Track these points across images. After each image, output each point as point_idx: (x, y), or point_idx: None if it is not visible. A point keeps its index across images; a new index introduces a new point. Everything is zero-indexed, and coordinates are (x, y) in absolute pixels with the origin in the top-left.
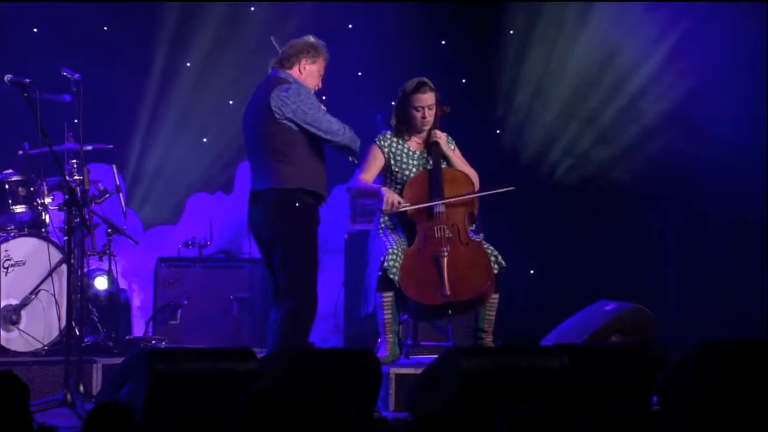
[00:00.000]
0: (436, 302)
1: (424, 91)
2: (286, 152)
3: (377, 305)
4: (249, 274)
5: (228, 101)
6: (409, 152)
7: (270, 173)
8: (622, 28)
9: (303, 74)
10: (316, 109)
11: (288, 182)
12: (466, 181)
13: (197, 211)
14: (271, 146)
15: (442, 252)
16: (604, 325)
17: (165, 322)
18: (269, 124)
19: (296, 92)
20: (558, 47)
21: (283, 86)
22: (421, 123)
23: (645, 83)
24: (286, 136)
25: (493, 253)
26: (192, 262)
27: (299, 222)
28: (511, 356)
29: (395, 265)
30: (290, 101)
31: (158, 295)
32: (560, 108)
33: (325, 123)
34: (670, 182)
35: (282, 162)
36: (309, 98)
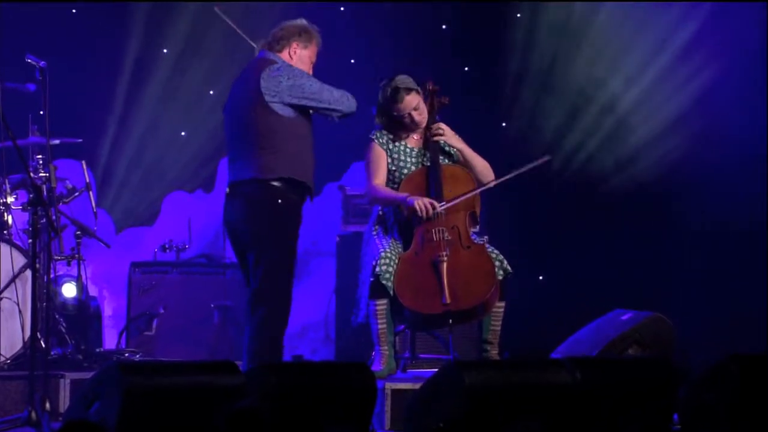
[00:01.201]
0: (435, 311)
1: (401, 99)
2: (271, 140)
3: (370, 314)
4: (231, 280)
5: (208, 91)
6: (406, 149)
7: (252, 163)
8: (638, 14)
9: (293, 59)
10: (313, 80)
11: (271, 172)
12: (467, 177)
13: (175, 212)
14: (254, 133)
15: (441, 256)
16: (620, 336)
17: (139, 333)
18: (256, 108)
19: (288, 69)
20: (569, 32)
21: (273, 66)
22: (411, 125)
23: (663, 73)
24: (273, 121)
25: (498, 257)
26: (169, 267)
27: (280, 222)
28: (518, 370)
29: (389, 270)
30: (283, 79)
31: (132, 303)
32: (571, 100)
33: (326, 93)
34: (693, 181)
35: (266, 150)
36: (301, 73)
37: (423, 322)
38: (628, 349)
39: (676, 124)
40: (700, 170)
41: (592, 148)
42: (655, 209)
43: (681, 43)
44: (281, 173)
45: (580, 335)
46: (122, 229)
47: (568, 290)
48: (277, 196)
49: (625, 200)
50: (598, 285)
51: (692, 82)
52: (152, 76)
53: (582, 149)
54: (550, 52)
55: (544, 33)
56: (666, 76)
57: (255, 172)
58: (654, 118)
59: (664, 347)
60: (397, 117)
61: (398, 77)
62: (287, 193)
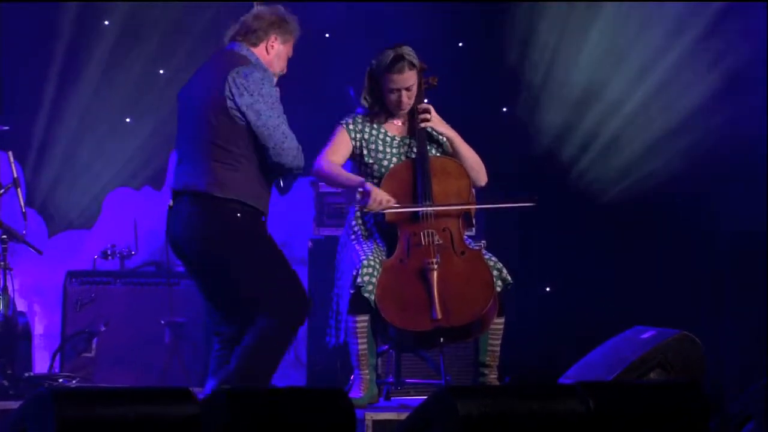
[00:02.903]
0: (423, 328)
1: (400, 69)
2: (229, 151)
3: (349, 333)
4: (185, 292)
5: (158, 70)
6: (386, 138)
7: (201, 174)
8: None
9: (270, 55)
10: (275, 112)
11: (222, 191)
12: (460, 171)
13: (118, 212)
14: (211, 139)
15: (430, 264)
16: (641, 358)
17: (76, 355)
18: (217, 112)
19: (258, 83)
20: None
21: (245, 70)
22: (396, 106)
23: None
24: (233, 133)
25: (497, 265)
26: (111, 277)
27: (245, 228)
28: (521, 398)
29: (371, 281)
30: (247, 92)
31: (67, 319)
32: (581, 85)
33: (279, 134)
34: (721, 180)
35: (221, 163)
36: (271, 96)
37: (410, 341)
38: (650, 373)
39: (695, 118)
40: (727, 169)
41: (604, 143)
42: (680, 211)
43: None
44: (231, 194)
45: (593, 357)
46: (56, 232)
47: (580, 304)
48: (234, 210)
49: (645, 199)
50: (615, 298)
51: (713, 71)
52: (91, 52)
53: (593, 144)
54: (558, 24)
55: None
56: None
57: (203, 185)
58: (671, 111)
59: (692, 371)
60: (387, 92)
61: (405, 47)
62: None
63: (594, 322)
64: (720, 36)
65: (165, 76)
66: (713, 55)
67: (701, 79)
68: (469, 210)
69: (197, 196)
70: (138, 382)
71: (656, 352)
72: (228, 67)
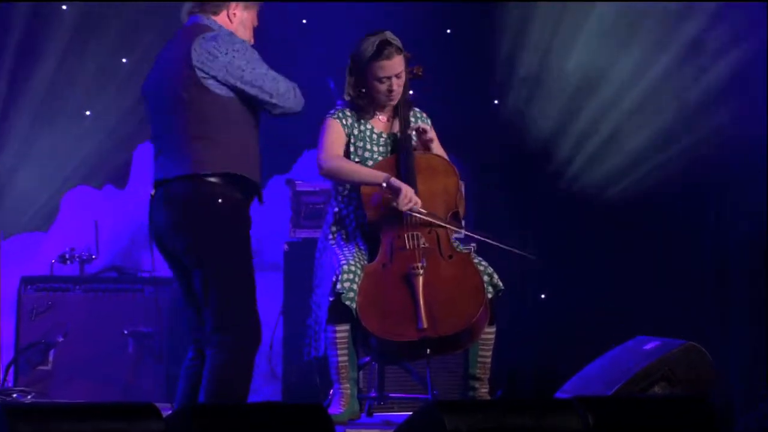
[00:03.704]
0: (408, 338)
1: (389, 55)
2: (206, 127)
3: (328, 344)
4: (151, 299)
5: (121, 59)
6: (372, 135)
7: (182, 156)
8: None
9: (234, 23)
10: (257, 62)
11: (208, 168)
12: (447, 168)
13: (77, 212)
14: (186, 119)
15: (415, 268)
16: (644, 371)
17: (31, 368)
18: (189, 88)
19: (228, 40)
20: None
21: (208, 34)
22: (386, 97)
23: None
24: (209, 104)
25: (487, 269)
26: (70, 283)
27: (224, 225)
28: (514, 413)
29: (352, 288)
30: (220, 53)
31: (22, 329)
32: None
33: (270, 81)
34: (729, 180)
35: (200, 140)
36: (245, 48)
37: (393, 352)
38: (653, 386)
39: (700, 114)
40: (735, 169)
41: (603, 139)
42: (684, 212)
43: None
44: (219, 168)
45: (592, 369)
46: (9, 234)
47: (577, 312)
48: (216, 195)
49: (646, 200)
50: (615, 306)
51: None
52: (49, 39)
53: (589, 141)
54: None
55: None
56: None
57: (186, 167)
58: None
59: (699, 384)
60: (375, 81)
61: (387, 32)
62: (228, 191)
63: (593, 331)
64: (724, 28)
65: (128, 65)
66: (715, 48)
67: (704, 75)
68: (458, 208)
69: (176, 181)
70: (99, 397)
71: (660, 364)
72: (191, 38)
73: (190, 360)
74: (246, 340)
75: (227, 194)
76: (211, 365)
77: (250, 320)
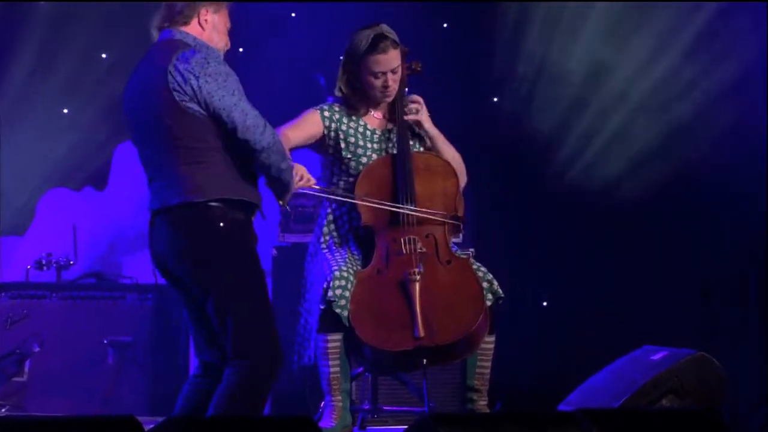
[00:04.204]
0: (403, 348)
1: (384, 48)
2: (197, 152)
3: (319, 354)
4: (132, 307)
5: (100, 54)
6: (365, 132)
7: (177, 183)
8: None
9: (206, 30)
10: (227, 90)
11: (204, 195)
12: (446, 169)
13: (54, 216)
14: (175, 146)
15: (412, 274)
16: (652, 382)
17: (6, 379)
18: (171, 113)
19: (201, 64)
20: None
21: (184, 53)
22: (381, 93)
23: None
24: (194, 127)
25: (486, 276)
26: (47, 290)
27: (232, 248)
28: (514, 426)
29: (344, 295)
30: (192, 75)
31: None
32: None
33: (237, 112)
34: (746, 176)
35: (194, 165)
36: (219, 71)
37: (388, 362)
38: (662, 398)
39: (712, 109)
40: (748, 168)
41: (605, 139)
42: (695, 215)
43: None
44: (215, 194)
45: (597, 380)
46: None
47: (581, 320)
48: (217, 219)
49: (654, 202)
50: (621, 313)
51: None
52: (23, 33)
53: (593, 140)
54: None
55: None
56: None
57: (181, 195)
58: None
59: (709, 396)
60: (370, 76)
61: (383, 25)
62: (229, 213)
63: (598, 340)
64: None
65: (107, 61)
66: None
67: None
68: (457, 211)
69: (177, 209)
70: (77, 410)
71: (669, 375)
72: (166, 58)
73: (195, 377)
74: (266, 365)
75: (228, 217)
76: (228, 383)
77: (268, 343)
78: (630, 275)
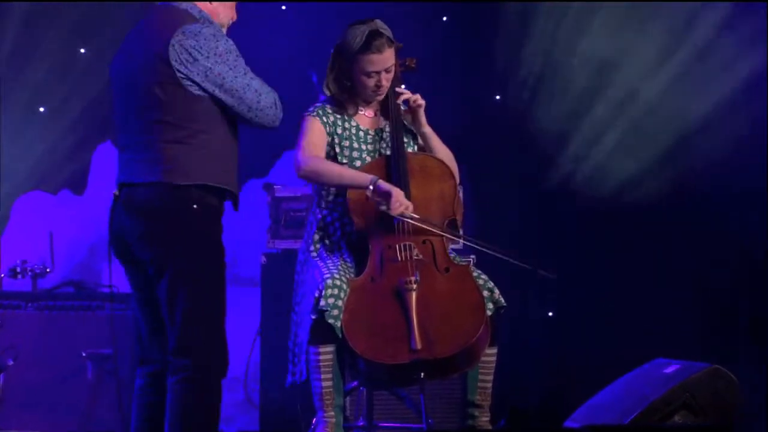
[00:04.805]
0: (400, 361)
1: (379, 47)
2: (184, 132)
3: (311, 367)
4: (112, 317)
5: (79, 48)
6: (358, 133)
7: (156, 161)
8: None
9: (213, 3)
10: (240, 69)
11: (184, 176)
12: (443, 171)
13: (30, 221)
14: (162, 120)
15: (408, 283)
16: (663, 397)
17: None
18: (165, 87)
19: (211, 42)
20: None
21: (189, 28)
22: (373, 93)
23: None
24: (187, 105)
25: (487, 284)
26: (22, 300)
27: (200, 233)
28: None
29: (337, 304)
30: (201, 55)
31: None
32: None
33: (251, 93)
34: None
35: (176, 146)
36: (228, 51)
37: (383, 376)
38: (674, 415)
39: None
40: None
41: (614, 140)
42: (709, 219)
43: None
44: (193, 179)
45: (605, 396)
46: None
47: (588, 331)
48: (191, 201)
49: (666, 205)
50: (631, 324)
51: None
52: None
53: (602, 141)
54: None
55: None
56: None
57: (159, 174)
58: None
59: (724, 412)
60: (362, 76)
61: (377, 20)
62: (203, 197)
63: (606, 353)
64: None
65: (87, 56)
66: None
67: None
68: (455, 215)
69: (153, 187)
70: (54, 428)
71: (682, 390)
72: (169, 29)
73: (141, 389)
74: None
75: (202, 200)
76: (173, 399)
77: (215, 342)
78: (640, 283)
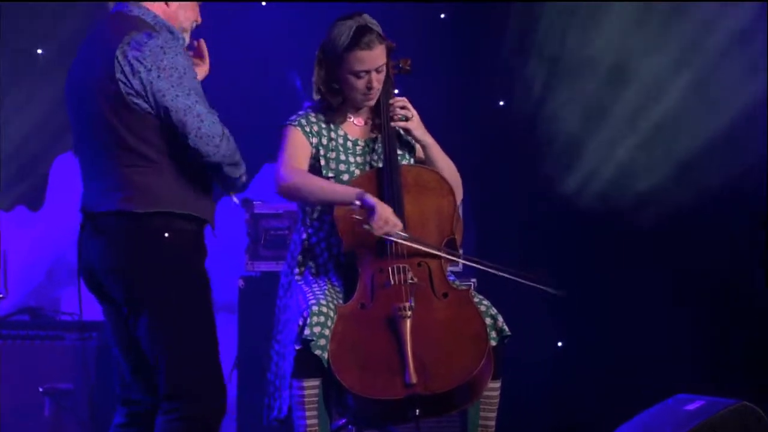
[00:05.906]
0: (393, 396)
1: (369, 43)
2: (142, 153)
3: (294, 403)
4: (73, 348)
5: (36, 50)
6: (346, 143)
7: (116, 187)
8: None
9: (171, 6)
10: (184, 90)
11: (145, 203)
12: (440, 185)
13: None
14: (117, 142)
15: (402, 310)
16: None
17: None
18: (115, 106)
19: (156, 53)
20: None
21: (135, 38)
22: (363, 96)
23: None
24: (145, 124)
25: (490, 311)
26: None
27: (172, 265)
28: None
29: (324, 334)
30: (143, 67)
31: None
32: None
33: (192, 117)
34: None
35: (137, 169)
36: (175, 68)
37: (375, 413)
38: None
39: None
40: None
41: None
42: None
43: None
44: (160, 206)
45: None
46: None
47: (602, 363)
48: (160, 229)
49: (689, 223)
50: (650, 355)
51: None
52: None
53: (616, 151)
54: None
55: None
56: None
57: (119, 202)
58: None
59: None
60: (351, 76)
61: (365, 15)
62: (173, 223)
63: (622, 387)
64: None
65: (45, 58)
66: None
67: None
68: (454, 234)
69: (114, 217)
70: None
71: (706, 428)
72: (115, 40)
73: (118, 427)
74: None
75: (172, 227)
76: None
77: (209, 383)
78: (660, 310)
